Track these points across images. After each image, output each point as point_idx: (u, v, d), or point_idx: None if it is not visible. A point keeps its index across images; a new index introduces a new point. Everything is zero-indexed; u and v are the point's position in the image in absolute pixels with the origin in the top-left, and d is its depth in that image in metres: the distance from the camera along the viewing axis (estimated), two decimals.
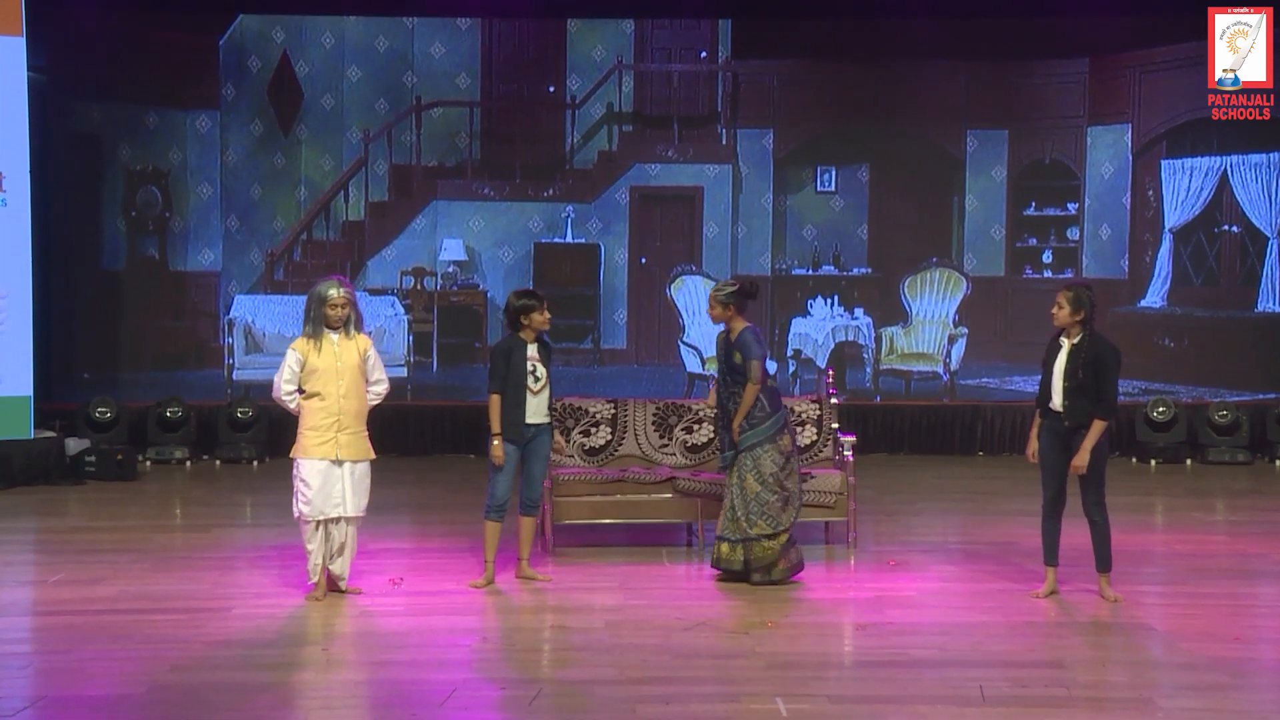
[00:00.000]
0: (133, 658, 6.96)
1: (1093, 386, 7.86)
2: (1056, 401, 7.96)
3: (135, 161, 14.67)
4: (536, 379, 8.38)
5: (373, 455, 8.11)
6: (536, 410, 8.39)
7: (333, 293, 8.01)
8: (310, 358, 7.99)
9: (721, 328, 8.48)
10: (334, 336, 8.04)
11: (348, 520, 8.07)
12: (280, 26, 14.93)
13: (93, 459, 12.59)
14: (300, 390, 8.02)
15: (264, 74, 14.86)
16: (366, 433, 8.11)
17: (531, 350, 8.40)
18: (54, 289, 13.88)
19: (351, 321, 8.08)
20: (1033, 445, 8.14)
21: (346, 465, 8.01)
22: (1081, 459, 7.84)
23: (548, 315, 8.42)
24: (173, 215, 14.77)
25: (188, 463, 13.54)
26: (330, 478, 7.98)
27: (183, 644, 7.19)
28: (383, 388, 8.25)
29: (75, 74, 14.29)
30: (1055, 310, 7.95)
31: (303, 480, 7.97)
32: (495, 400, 8.35)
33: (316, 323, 8.02)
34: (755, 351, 8.31)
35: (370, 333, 14.77)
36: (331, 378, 7.97)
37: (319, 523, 7.99)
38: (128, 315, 14.67)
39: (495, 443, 8.32)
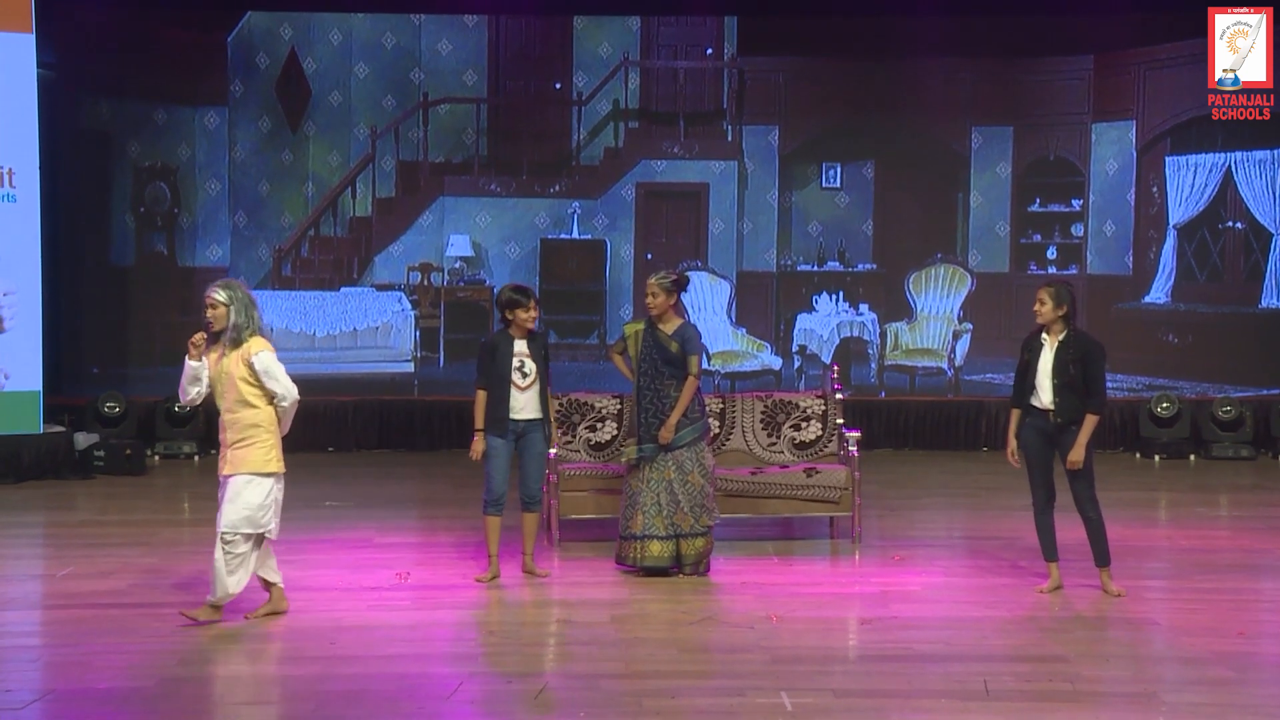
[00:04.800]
0: (141, 651, 7.00)
1: (1081, 382, 7.89)
2: (1045, 399, 7.97)
3: (144, 158, 14.72)
4: (524, 375, 8.37)
5: (268, 470, 7.37)
6: (525, 406, 8.38)
7: (208, 294, 7.38)
8: (210, 364, 7.46)
9: (626, 321, 8.60)
10: (226, 345, 7.37)
11: (238, 537, 7.38)
12: (288, 23, 14.97)
13: (101, 453, 12.64)
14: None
15: (272, 71, 14.90)
16: (266, 443, 7.38)
17: (520, 346, 8.40)
18: (63, 284, 13.93)
19: (236, 327, 7.32)
20: (1012, 445, 8.16)
21: (236, 479, 7.37)
22: (1077, 454, 7.87)
23: (534, 314, 8.39)
24: (181, 211, 14.82)
25: (196, 457, 13.59)
26: (222, 490, 7.46)
27: (191, 638, 7.23)
28: (285, 404, 7.38)
29: (84, 71, 14.34)
30: (1038, 307, 7.98)
31: None
32: (480, 396, 8.39)
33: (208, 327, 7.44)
34: (698, 346, 8.45)
35: (376, 329, 15.09)
36: (216, 388, 7.43)
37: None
38: (136, 310, 14.72)
39: (476, 438, 8.36)
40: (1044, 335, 8.00)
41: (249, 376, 7.35)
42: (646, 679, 6.54)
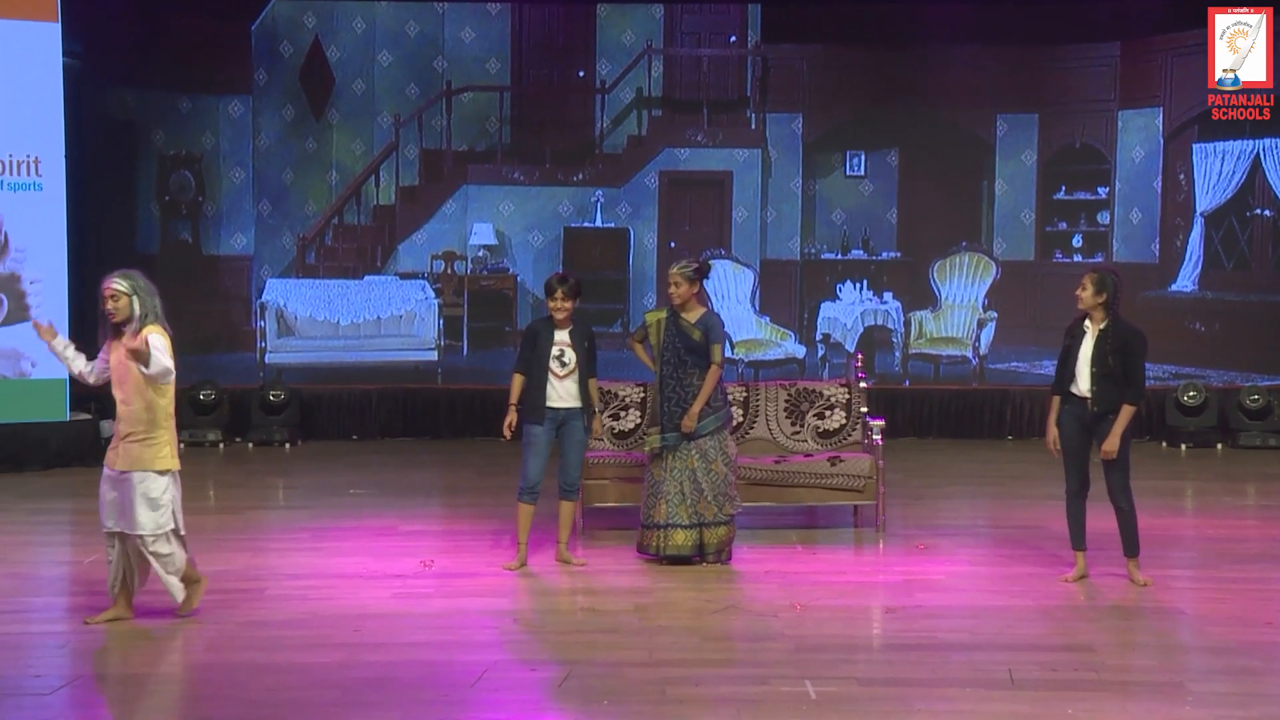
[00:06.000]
0: (166, 637, 7.03)
1: (1120, 372, 7.85)
2: (1083, 387, 7.94)
3: (169, 146, 14.77)
4: (563, 364, 8.39)
5: (159, 467, 7.15)
6: (565, 394, 8.40)
7: (106, 284, 7.13)
8: (111, 357, 7.25)
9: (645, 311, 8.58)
10: (128, 335, 7.13)
11: (133, 538, 7.14)
12: (312, 12, 14.99)
13: None
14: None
15: (295, 59, 14.93)
16: (159, 440, 7.20)
17: (561, 335, 8.42)
18: (88, 273, 13.92)
19: (139, 318, 7.16)
20: (1052, 433, 8.12)
21: (128, 475, 7.11)
22: (1111, 444, 7.83)
23: (563, 304, 8.35)
24: (205, 200, 14.86)
25: (220, 445, 13.63)
26: (108, 487, 7.18)
27: (216, 624, 7.26)
28: (148, 370, 7.09)
29: (109, 60, 14.35)
30: (1080, 291, 7.96)
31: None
32: (517, 379, 8.43)
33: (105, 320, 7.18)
34: (721, 334, 8.46)
35: (399, 317, 15.11)
36: (115, 381, 7.22)
37: (110, 534, 7.22)
38: (161, 299, 14.70)
39: (509, 411, 8.38)
40: (1086, 323, 7.97)
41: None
42: (670, 667, 6.54)
